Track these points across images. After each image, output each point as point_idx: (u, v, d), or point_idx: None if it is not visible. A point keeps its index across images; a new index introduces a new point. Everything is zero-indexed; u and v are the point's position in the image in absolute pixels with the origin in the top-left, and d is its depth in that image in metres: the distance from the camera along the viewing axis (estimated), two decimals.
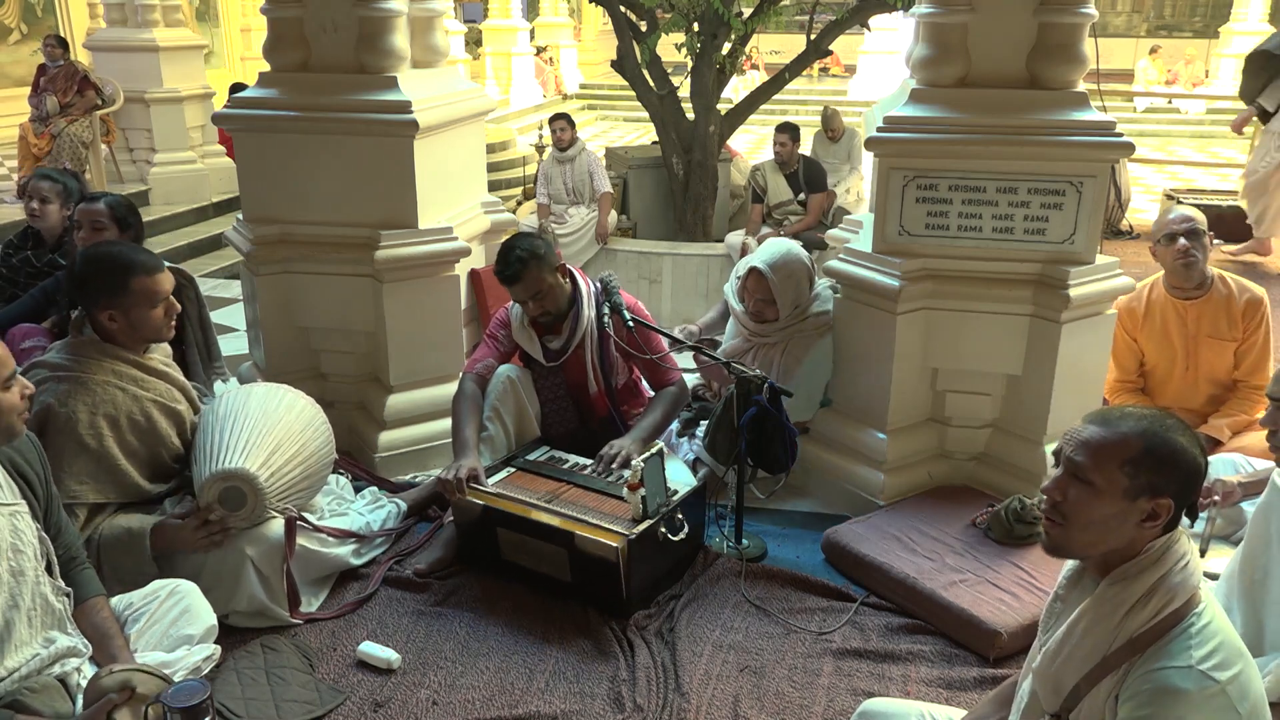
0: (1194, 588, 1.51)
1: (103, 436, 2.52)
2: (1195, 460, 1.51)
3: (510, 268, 3.08)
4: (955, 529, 3.02)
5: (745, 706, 2.43)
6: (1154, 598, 1.50)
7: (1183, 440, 1.51)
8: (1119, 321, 3.60)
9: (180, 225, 8.22)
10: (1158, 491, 1.50)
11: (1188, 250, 3.39)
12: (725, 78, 7.46)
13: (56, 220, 3.87)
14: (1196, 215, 3.45)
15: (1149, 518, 1.51)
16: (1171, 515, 1.52)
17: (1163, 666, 1.46)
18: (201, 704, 1.83)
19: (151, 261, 2.64)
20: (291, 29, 3.50)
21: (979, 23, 3.09)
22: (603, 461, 3.03)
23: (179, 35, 8.69)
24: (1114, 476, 1.51)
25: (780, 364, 3.49)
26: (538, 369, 3.28)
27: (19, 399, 2.00)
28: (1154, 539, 1.53)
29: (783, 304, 3.46)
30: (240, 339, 5.05)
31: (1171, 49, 17.87)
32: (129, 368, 2.62)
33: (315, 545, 2.82)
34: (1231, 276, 3.51)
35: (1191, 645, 1.46)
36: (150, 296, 2.59)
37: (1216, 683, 1.43)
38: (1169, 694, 1.43)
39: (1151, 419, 1.54)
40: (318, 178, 3.51)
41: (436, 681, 2.51)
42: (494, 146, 11.39)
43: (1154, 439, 1.50)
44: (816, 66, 15.69)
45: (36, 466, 2.14)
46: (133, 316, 2.59)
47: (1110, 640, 1.52)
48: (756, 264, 3.47)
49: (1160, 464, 1.49)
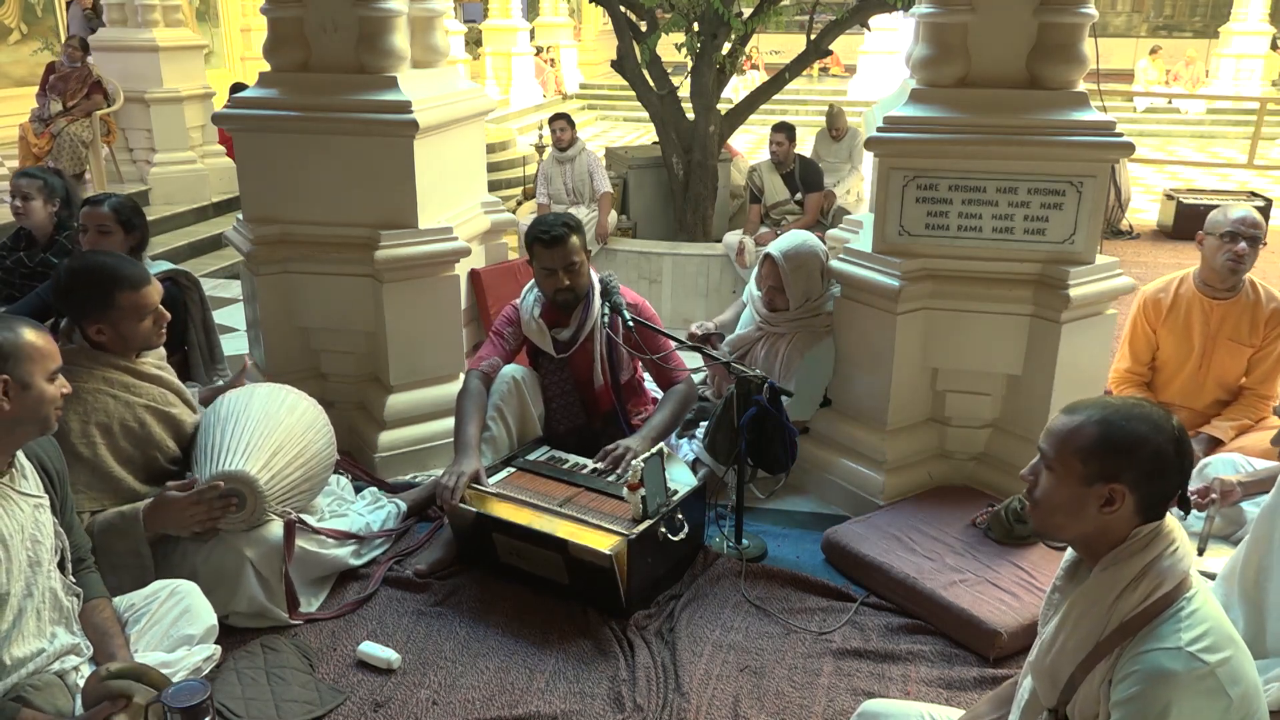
0: (1183, 572, 1.53)
1: (95, 445, 2.51)
2: (1157, 449, 1.52)
3: (555, 229, 3.09)
4: (955, 529, 3.02)
5: (745, 706, 2.43)
6: (1143, 582, 1.52)
7: (1142, 429, 1.53)
8: (1142, 310, 3.59)
9: (180, 225, 8.22)
10: (1111, 478, 1.53)
11: (1242, 256, 3.34)
12: (725, 78, 7.45)
13: (43, 218, 3.87)
14: (1261, 222, 3.38)
15: (1106, 503, 1.54)
16: (1145, 502, 1.53)
17: (1152, 649, 1.47)
18: (201, 704, 1.83)
19: (137, 275, 2.60)
20: (291, 29, 3.50)
21: (979, 23, 3.09)
22: (607, 459, 3.03)
23: (179, 35, 8.70)
24: (1070, 463, 1.56)
25: (785, 354, 3.51)
26: (544, 363, 3.29)
27: (59, 394, 2.05)
28: (1140, 525, 1.55)
29: (792, 293, 3.48)
30: (240, 339, 5.05)
31: (1171, 49, 17.87)
32: (120, 374, 2.60)
33: (314, 546, 2.81)
34: (1262, 283, 3.49)
35: (1181, 628, 1.47)
36: (138, 311, 2.57)
37: (1205, 664, 1.44)
38: (1158, 675, 1.45)
39: (1116, 408, 1.57)
40: (318, 178, 3.50)
41: (436, 681, 2.51)
42: (494, 146, 11.40)
43: (1110, 427, 1.54)
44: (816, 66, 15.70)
45: (58, 463, 2.18)
46: (121, 329, 2.57)
47: (1102, 626, 1.54)
48: (772, 250, 3.52)
49: (1113, 451, 1.53)
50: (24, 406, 1.97)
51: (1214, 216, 3.45)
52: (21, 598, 1.99)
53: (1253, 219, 3.37)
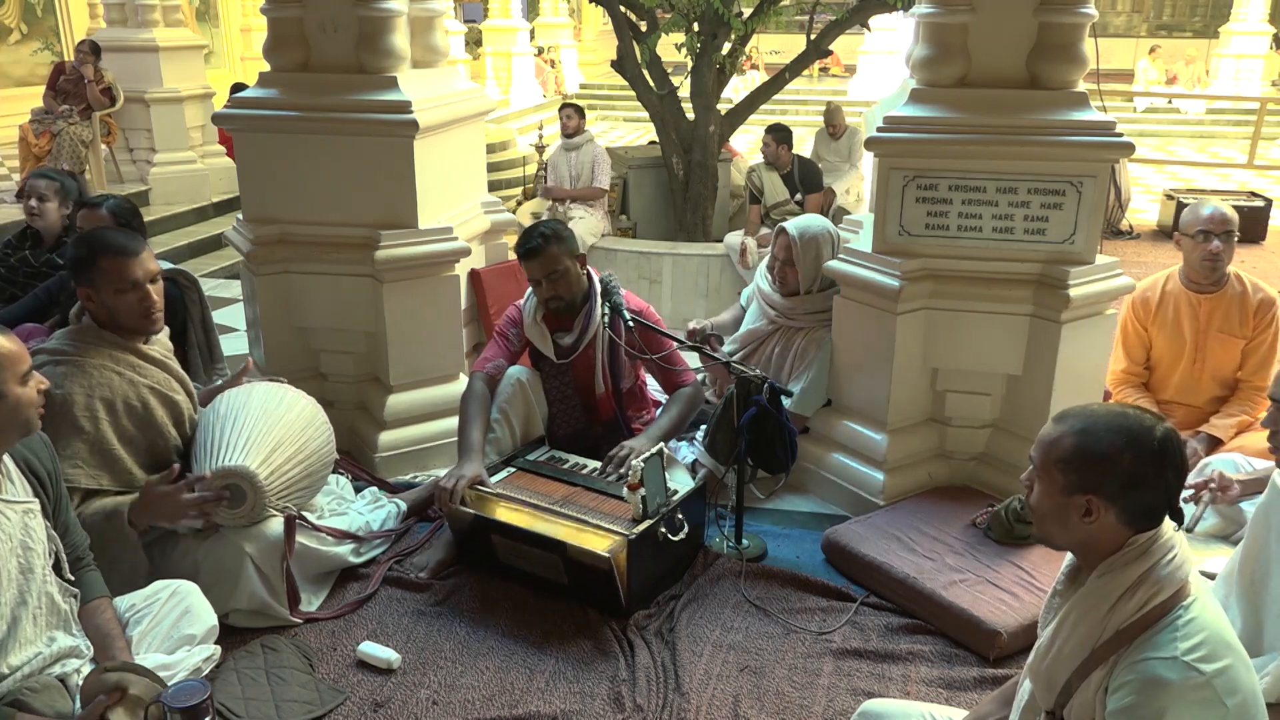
0: (1181, 581, 1.52)
1: (98, 419, 2.52)
2: (1133, 461, 1.51)
3: (531, 242, 3.11)
4: (955, 529, 3.02)
5: (745, 706, 2.43)
6: (1140, 590, 1.52)
7: (1118, 441, 1.52)
8: (1132, 311, 3.60)
9: (180, 225, 8.22)
10: (1087, 489, 1.54)
11: (1218, 254, 3.37)
12: (725, 78, 7.46)
13: (55, 219, 3.87)
14: (1232, 217, 3.40)
15: (1086, 514, 1.54)
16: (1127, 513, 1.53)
17: (1147, 657, 1.47)
18: (201, 704, 1.83)
19: (126, 245, 2.59)
20: (291, 29, 3.50)
21: (979, 23, 3.09)
22: (612, 462, 3.03)
23: (179, 35, 8.69)
24: (1052, 473, 1.58)
25: (800, 345, 3.53)
26: (547, 367, 3.29)
27: (35, 393, 2.02)
28: (1135, 534, 1.55)
29: (803, 270, 3.51)
30: (240, 339, 5.05)
31: (1171, 49, 17.87)
32: (126, 354, 2.61)
33: (314, 544, 2.82)
34: (1247, 275, 3.50)
35: (1177, 637, 1.47)
36: (114, 278, 2.55)
37: (1201, 674, 1.44)
38: (1153, 684, 1.45)
39: (1098, 419, 1.57)
40: (318, 178, 3.50)
41: (436, 681, 2.51)
42: (494, 146, 11.39)
43: (1087, 438, 1.55)
44: (816, 66, 15.70)
45: (48, 464, 2.16)
46: (105, 298, 2.57)
47: (1099, 633, 1.54)
48: (788, 226, 3.57)
49: (1088, 463, 1.54)
50: (2, 416, 1.95)
51: (1186, 216, 3.49)
52: (14, 606, 1.98)
53: (1221, 214, 3.39)
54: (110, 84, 8.12)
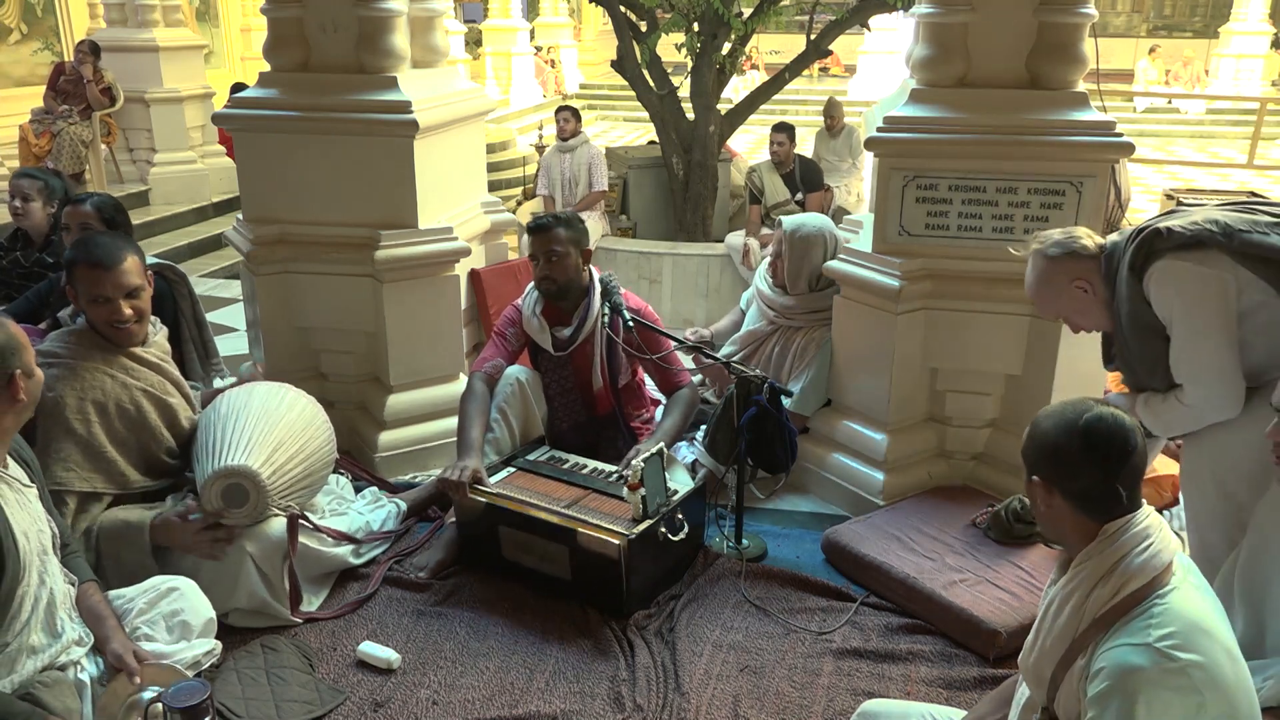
0: (1157, 569, 1.53)
1: (90, 422, 2.53)
2: (1056, 446, 1.59)
3: (544, 219, 3.19)
4: (955, 529, 3.02)
5: (745, 706, 2.43)
6: (1113, 577, 1.54)
7: (1048, 427, 1.61)
8: None
9: (180, 225, 8.23)
10: (1035, 473, 1.64)
11: None
12: (725, 78, 7.46)
13: (41, 219, 3.87)
14: None
15: (1043, 499, 1.63)
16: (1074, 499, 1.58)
17: (1119, 644, 1.49)
18: (201, 704, 1.84)
19: (105, 257, 2.55)
20: (291, 29, 3.50)
21: (979, 23, 3.09)
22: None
23: (179, 35, 8.70)
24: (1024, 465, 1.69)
25: (800, 345, 3.53)
26: (545, 361, 3.29)
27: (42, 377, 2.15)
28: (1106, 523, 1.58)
29: (788, 266, 3.53)
30: (240, 339, 5.05)
31: (1171, 49, 17.88)
32: (119, 356, 2.62)
33: (315, 544, 2.82)
34: None
35: (1151, 624, 1.48)
36: (88, 287, 2.55)
37: (1175, 660, 1.44)
38: (1125, 671, 1.46)
39: (1050, 410, 1.66)
40: (318, 178, 3.50)
41: (436, 681, 2.51)
42: (494, 146, 11.40)
43: (1032, 427, 1.66)
44: (816, 66, 15.71)
45: (26, 453, 2.23)
46: (83, 303, 2.61)
47: (1078, 622, 1.56)
48: (785, 220, 3.61)
49: (1031, 449, 1.65)
50: (32, 393, 2.07)
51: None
52: (37, 586, 2.04)
53: None
54: (110, 84, 8.13)
